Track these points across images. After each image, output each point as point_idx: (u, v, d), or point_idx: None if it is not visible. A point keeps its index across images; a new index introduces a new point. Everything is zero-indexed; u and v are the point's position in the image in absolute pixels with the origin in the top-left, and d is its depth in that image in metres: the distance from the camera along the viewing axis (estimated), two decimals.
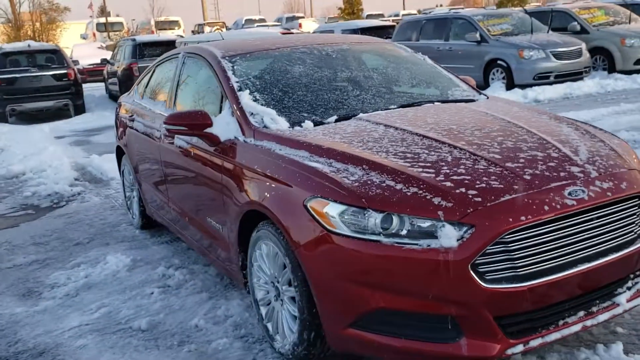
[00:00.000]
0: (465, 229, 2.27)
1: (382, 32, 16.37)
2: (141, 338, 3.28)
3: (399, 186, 2.43)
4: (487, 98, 3.78)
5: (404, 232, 2.32)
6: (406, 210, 2.33)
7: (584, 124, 3.26)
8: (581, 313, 2.49)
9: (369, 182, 2.47)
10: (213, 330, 3.29)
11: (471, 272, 2.25)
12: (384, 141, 2.82)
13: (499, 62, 12.19)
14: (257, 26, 30.66)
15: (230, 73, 3.56)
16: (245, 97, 3.33)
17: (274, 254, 2.82)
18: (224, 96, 3.49)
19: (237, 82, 3.48)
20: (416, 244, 2.29)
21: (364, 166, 2.58)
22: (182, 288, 3.88)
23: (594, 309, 2.52)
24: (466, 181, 2.43)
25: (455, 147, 2.70)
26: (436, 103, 3.52)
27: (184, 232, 4.12)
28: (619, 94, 11.25)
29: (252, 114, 3.26)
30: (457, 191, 2.37)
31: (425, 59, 4.20)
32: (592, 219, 2.46)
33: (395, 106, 3.44)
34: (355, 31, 16.12)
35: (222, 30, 32.00)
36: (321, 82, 3.63)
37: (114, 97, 16.38)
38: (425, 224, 2.31)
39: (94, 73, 21.59)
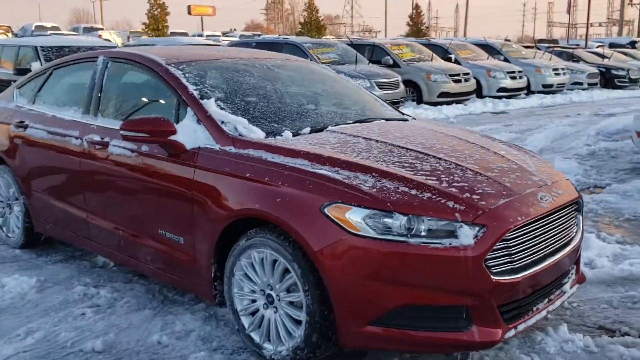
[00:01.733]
0: (477, 228, 2.58)
1: None
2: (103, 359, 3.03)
3: (413, 192, 2.66)
4: (414, 118, 4.18)
5: (425, 232, 2.56)
6: (429, 213, 2.57)
7: (507, 142, 3.81)
8: (545, 300, 2.95)
9: (384, 188, 2.66)
10: (180, 345, 3.16)
11: (484, 266, 2.56)
12: (375, 152, 3.03)
13: None
14: (52, 34, 28.33)
15: (184, 80, 3.47)
16: (212, 105, 3.29)
17: (272, 261, 2.85)
18: (180, 104, 3.39)
19: (195, 89, 3.41)
20: (439, 243, 2.53)
21: (373, 174, 2.76)
22: (116, 307, 3.61)
23: (552, 296, 3.00)
24: (466, 187, 2.75)
25: (439, 159, 3.01)
26: (382, 120, 3.82)
27: (106, 246, 3.84)
28: None
29: (222, 122, 3.23)
30: (464, 196, 2.68)
31: (349, 79, 4.49)
32: (554, 220, 2.94)
33: (351, 121, 3.66)
34: None
35: (7, 35, 28.97)
36: (276, 95, 3.72)
37: None
38: (445, 225, 2.57)
39: None
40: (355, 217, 2.59)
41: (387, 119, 3.87)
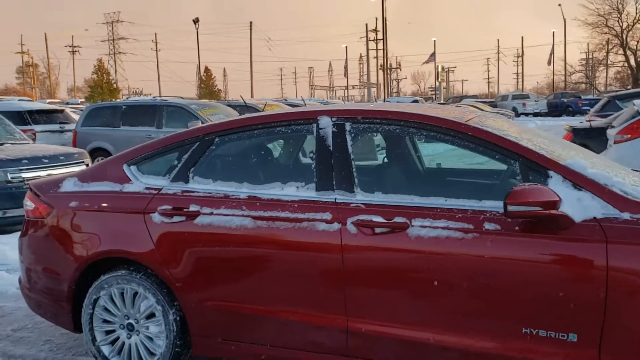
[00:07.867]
0: None
1: (52, 116, 14.36)
2: None
3: None
4: None
5: None
6: None
7: None
8: None
9: None
10: None
11: None
12: None
13: None
14: None
15: (514, 139, 2.85)
16: (587, 166, 2.72)
17: None
18: (530, 168, 2.76)
19: (538, 149, 2.81)
20: None
21: None
22: None
23: None
24: None
25: None
26: None
27: None
28: None
29: (606, 185, 2.69)
30: None
31: None
32: None
33: None
34: (20, 113, 13.66)
35: None
36: None
37: None
38: None
39: None
40: None
41: None
